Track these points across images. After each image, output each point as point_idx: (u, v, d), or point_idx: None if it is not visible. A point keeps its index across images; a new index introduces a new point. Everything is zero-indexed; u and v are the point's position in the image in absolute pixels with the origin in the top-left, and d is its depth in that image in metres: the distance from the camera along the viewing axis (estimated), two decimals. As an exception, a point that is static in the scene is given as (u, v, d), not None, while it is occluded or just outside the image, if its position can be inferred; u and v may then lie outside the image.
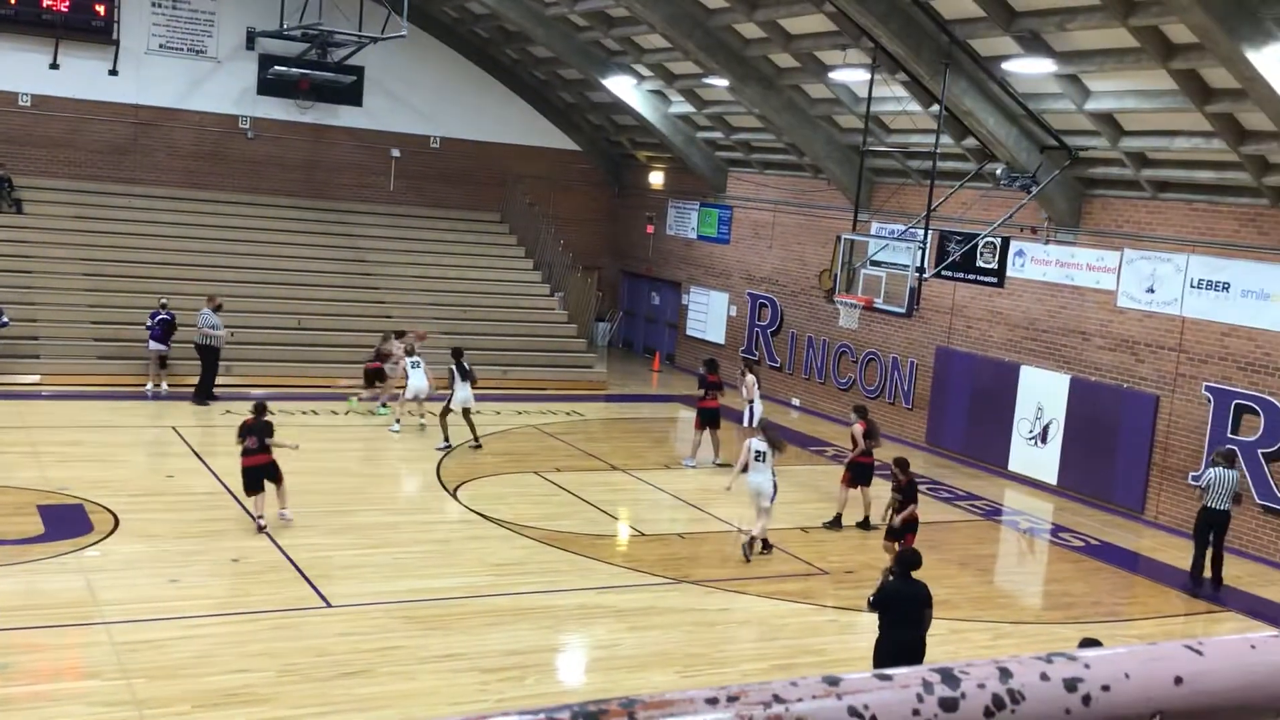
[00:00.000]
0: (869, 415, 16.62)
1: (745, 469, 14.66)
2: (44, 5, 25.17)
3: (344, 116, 28.35)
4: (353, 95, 27.75)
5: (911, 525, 13.66)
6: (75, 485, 14.94)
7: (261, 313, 24.25)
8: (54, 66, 25.68)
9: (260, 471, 13.76)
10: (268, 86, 27.14)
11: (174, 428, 18.95)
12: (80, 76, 25.97)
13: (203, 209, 26.75)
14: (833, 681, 1.21)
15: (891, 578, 9.88)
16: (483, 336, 25.62)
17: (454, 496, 16.22)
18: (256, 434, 13.79)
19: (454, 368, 18.85)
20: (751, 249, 27.17)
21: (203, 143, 27.46)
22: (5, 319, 20.60)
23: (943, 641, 11.76)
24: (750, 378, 19.75)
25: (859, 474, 16.13)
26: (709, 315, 28.60)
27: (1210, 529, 14.62)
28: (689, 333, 29.33)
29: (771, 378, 26.23)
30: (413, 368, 19.67)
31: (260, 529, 13.53)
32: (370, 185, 29.21)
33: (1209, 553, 14.72)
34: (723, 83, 23.01)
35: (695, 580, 13.47)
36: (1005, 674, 1.27)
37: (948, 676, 1.24)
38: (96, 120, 26.38)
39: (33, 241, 24.23)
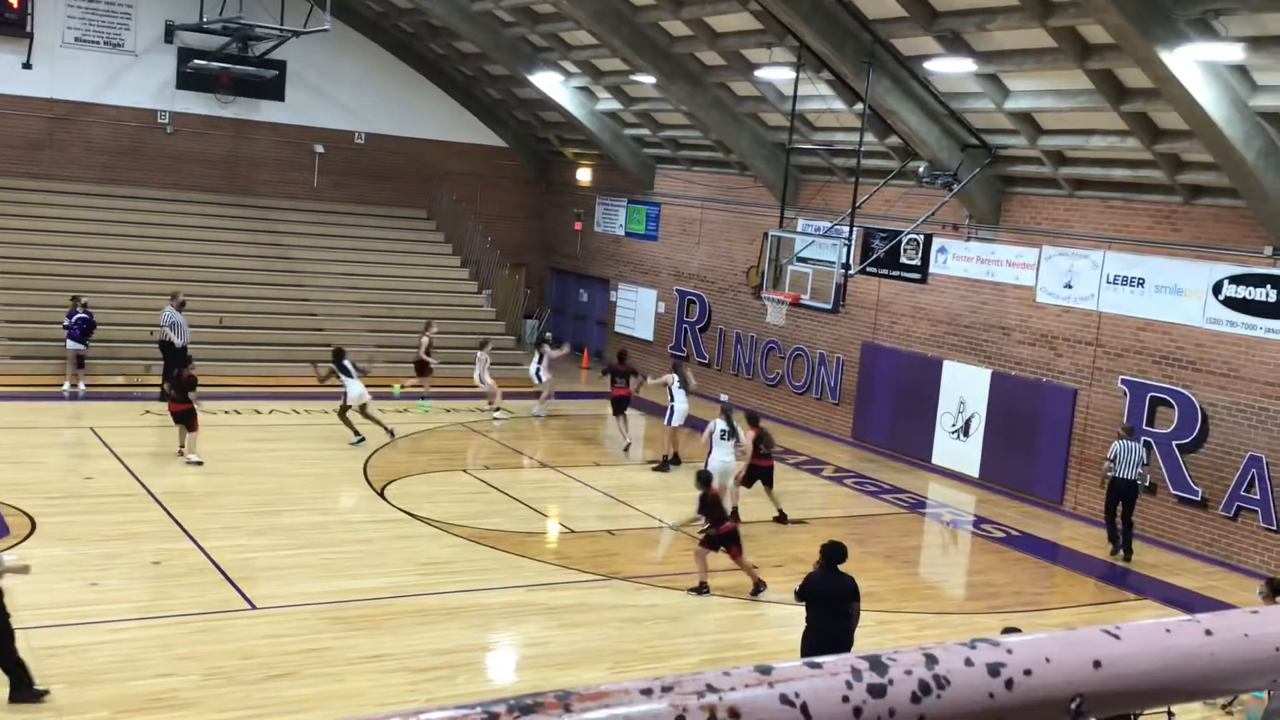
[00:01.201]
0: (760, 423, 16.62)
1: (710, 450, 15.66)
2: (-47, -4, 24.44)
3: (266, 111, 27.93)
4: (275, 90, 27.34)
5: (727, 536, 12.91)
6: (-10, 489, 14.55)
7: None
8: (-36, 59, 24.97)
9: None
10: (187, 81, 26.63)
11: (92, 429, 18.54)
12: (-8, 69, 25.28)
13: (121, 205, 26.20)
14: (764, 670, 1.23)
15: (816, 569, 10.00)
16: (410, 334, 25.39)
17: (381, 495, 16.09)
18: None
19: (336, 367, 18.88)
20: (679, 246, 27.26)
21: (120, 138, 26.88)
22: None
23: (869, 634, 11.90)
24: (671, 376, 19.67)
25: (758, 476, 16.12)
26: (637, 312, 28.65)
27: (1119, 499, 15.60)
28: (618, 329, 29.35)
29: (700, 374, 26.33)
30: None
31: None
32: (294, 181, 28.80)
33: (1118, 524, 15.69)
34: (650, 80, 23.06)
35: (625, 576, 13.50)
36: (931, 660, 1.30)
37: (876, 664, 1.27)
38: (10, 115, 25.69)
39: (-58, 238, 23.55)
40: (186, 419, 16.97)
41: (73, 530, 13.44)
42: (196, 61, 25.99)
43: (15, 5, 25.05)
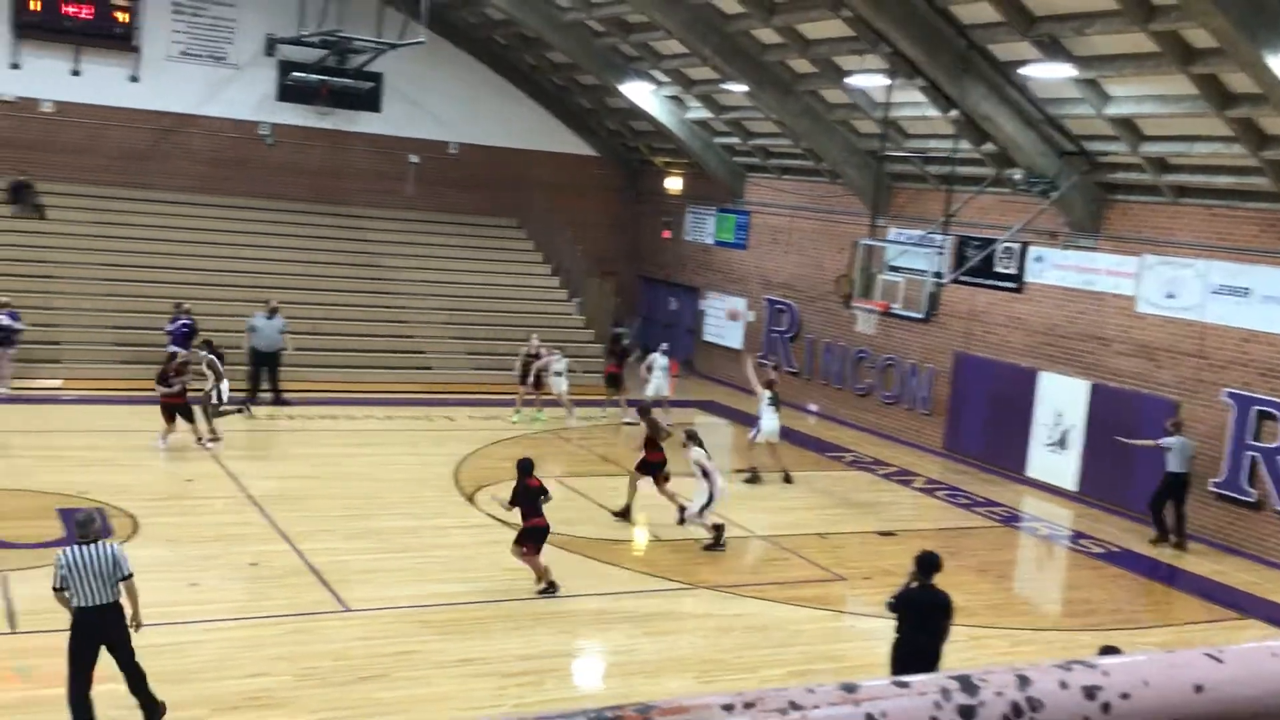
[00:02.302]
0: (650, 414, 16.63)
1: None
2: (66, 12, 25.35)
3: (362, 123, 28.46)
4: (371, 101, 27.84)
5: (535, 532, 12.53)
6: (95, 489, 15.01)
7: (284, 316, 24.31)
8: (75, 73, 25.90)
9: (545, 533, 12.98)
10: (287, 93, 27.25)
11: (193, 432, 19.00)
12: (101, 83, 26.16)
13: (221, 215, 26.88)
14: (850, 688, 1.21)
15: (915, 583, 9.78)
16: (499, 342, 25.65)
17: (471, 502, 16.24)
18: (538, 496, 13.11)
19: (214, 359, 18.61)
20: (769, 254, 27.15)
21: (221, 149, 27.59)
22: (20, 324, 20.73)
23: (961, 649, 11.71)
24: (765, 393, 19.10)
25: (648, 469, 15.93)
26: (726, 321, 28.58)
27: (1171, 492, 16.25)
28: (706, 338, 29.31)
29: (789, 383, 26.19)
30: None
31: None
32: (388, 191, 29.29)
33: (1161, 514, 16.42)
34: (740, 88, 23.02)
35: (712, 585, 13.45)
36: (1024, 681, 1.26)
37: (966, 684, 1.24)
38: (117, 127, 26.54)
39: (54, 247, 24.40)
40: (185, 411, 17.50)
41: (174, 531, 13.80)
42: (296, 74, 26.59)
43: (124, 20, 25.89)
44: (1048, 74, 17.24)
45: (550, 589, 12.53)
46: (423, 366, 24.69)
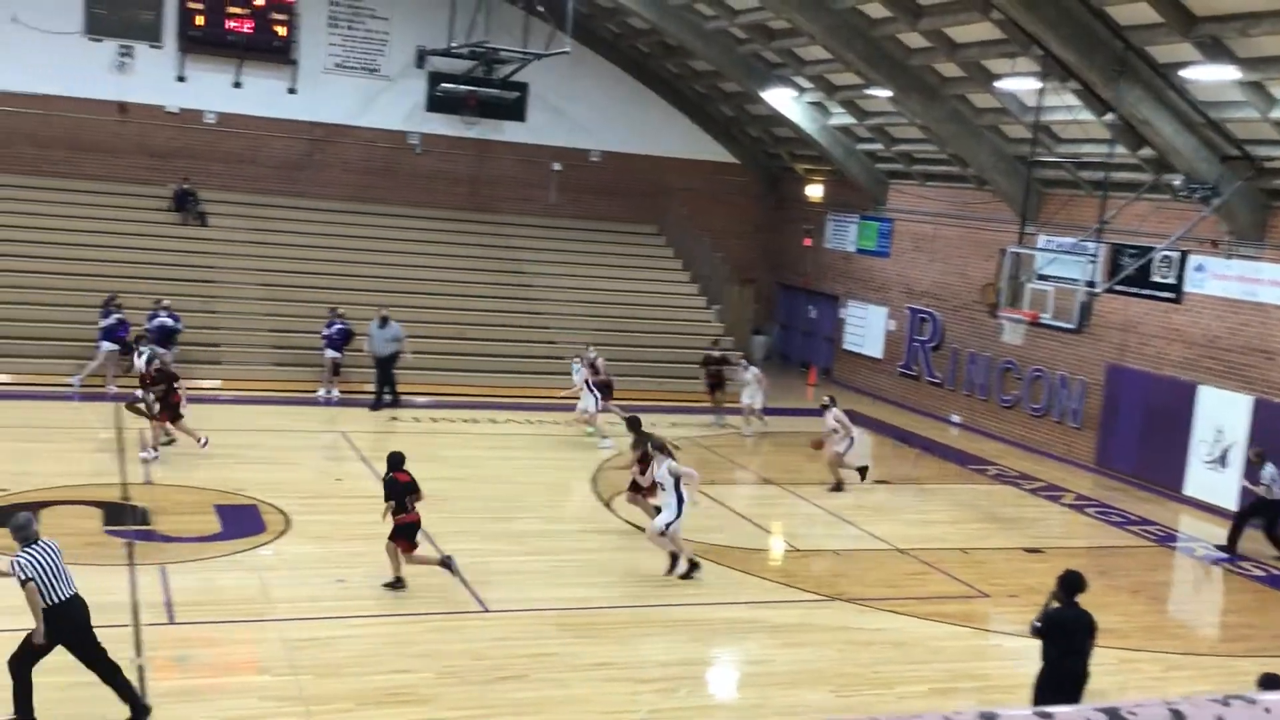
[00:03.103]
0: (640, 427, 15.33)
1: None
2: (229, 27, 26.47)
3: (508, 132, 28.95)
4: (516, 111, 28.33)
5: (404, 529, 12.24)
6: (251, 486, 15.60)
7: (425, 323, 24.93)
8: (237, 85, 27.01)
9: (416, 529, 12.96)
10: (436, 103, 27.92)
11: (344, 433, 19.62)
12: (261, 95, 27.22)
13: (372, 222, 27.69)
14: (990, 717, 1.16)
15: (1056, 603, 9.46)
16: (638, 349, 25.79)
17: (609, 507, 16.35)
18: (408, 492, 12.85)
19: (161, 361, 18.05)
20: (912, 262, 26.68)
21: (373, 158, 28.43)
22: (180, 325, 21.65)
23: (1112, 672, 11.30)
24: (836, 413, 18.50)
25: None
26: (867, 329, 28.19)
27: (1260, 516, 16.23)
28: (846, 347, 28.95)
29: (931, 394, 25.68)
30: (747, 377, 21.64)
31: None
32: (531, 199, 29.77)
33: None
34: (885, 93, 22.69)
35: (850, 598, 13.26)
36: (1177, 717, 1.20)
37: (1114, 717, 1.18)
38: (275, 137, 27.58)
39: (215, 253, 25.47)
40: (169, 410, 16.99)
41: (323, 529, 14.24)
42: (445, 85, 27.24)
43: (283, 34, 26.90)
44: (1210, 76, 16.54)
45: (398, 584, 12.18)
46: (564, 372, 24.96)
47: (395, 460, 12.41)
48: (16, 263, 23.35)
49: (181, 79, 26.68)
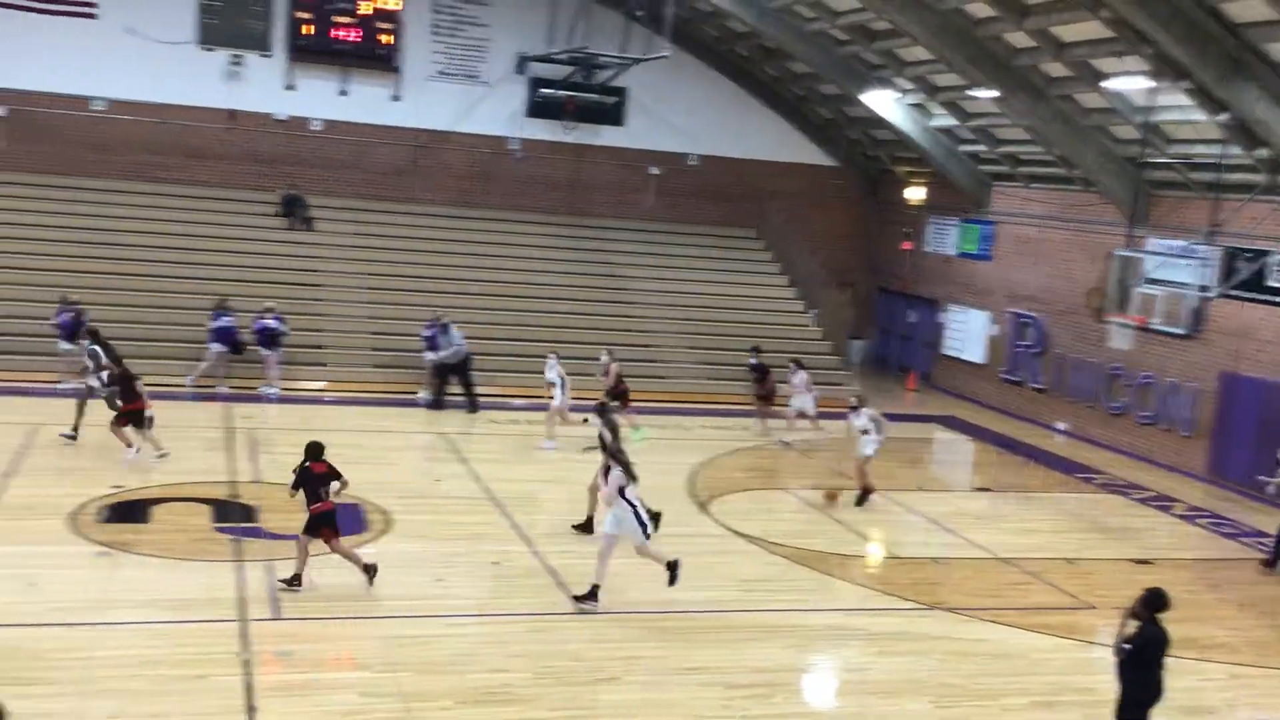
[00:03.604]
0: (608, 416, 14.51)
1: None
2: (335, 36, 27.06)
3: (606, 136, 29.10)
4: (614, 115, 28.44)
5: (318, 519, 11.94)
6: (352, 485, 15.86)
7: (521, 325, 25.16)
8: (343, 93, 27.60)
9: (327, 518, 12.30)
10: (535, 108, 28.20)
11: (442, 434, 19.88)
12: (365, 102, 27.77)
13: (471, 227, 28.05)
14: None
15: (1136, 621, 9.10)
16: (736, 353, 25.70)
17: (704, 510, 16.31)
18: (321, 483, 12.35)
19: (96, 350, 17.22)
20: (1015, 266, 26.17)
21: (474, 164, 28.80)
22: (285, 328, 22.14)
23: (1221, 688, 10.96)
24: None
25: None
26: (967, 334, 27.72)
27: None
28: (946, 352, 28.50)
29: (1035, 400, 25.17)
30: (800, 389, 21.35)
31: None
32: (628, 203, 29.88)
33: None
34: (989, 94, 22.29)
35: (950, 607, 13.04)
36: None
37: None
38: (379, 143, 28.10)
39: (320, 257, 26.03)
40: (135, 418, 16.35)
41: (423, 528, 14.44)
42: (544, 90, 27.50)
43: (387, 43, 27.40)
44: (1332, 72, 15.94)
45: (294, 582, 11.80)
46: (659, 376, 25.00)
47: (312, 450, 12.07)
48: (132, 266, 24.11)
49: (290, 87, 27.33)
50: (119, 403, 16.61)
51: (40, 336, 21.20)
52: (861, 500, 16.96)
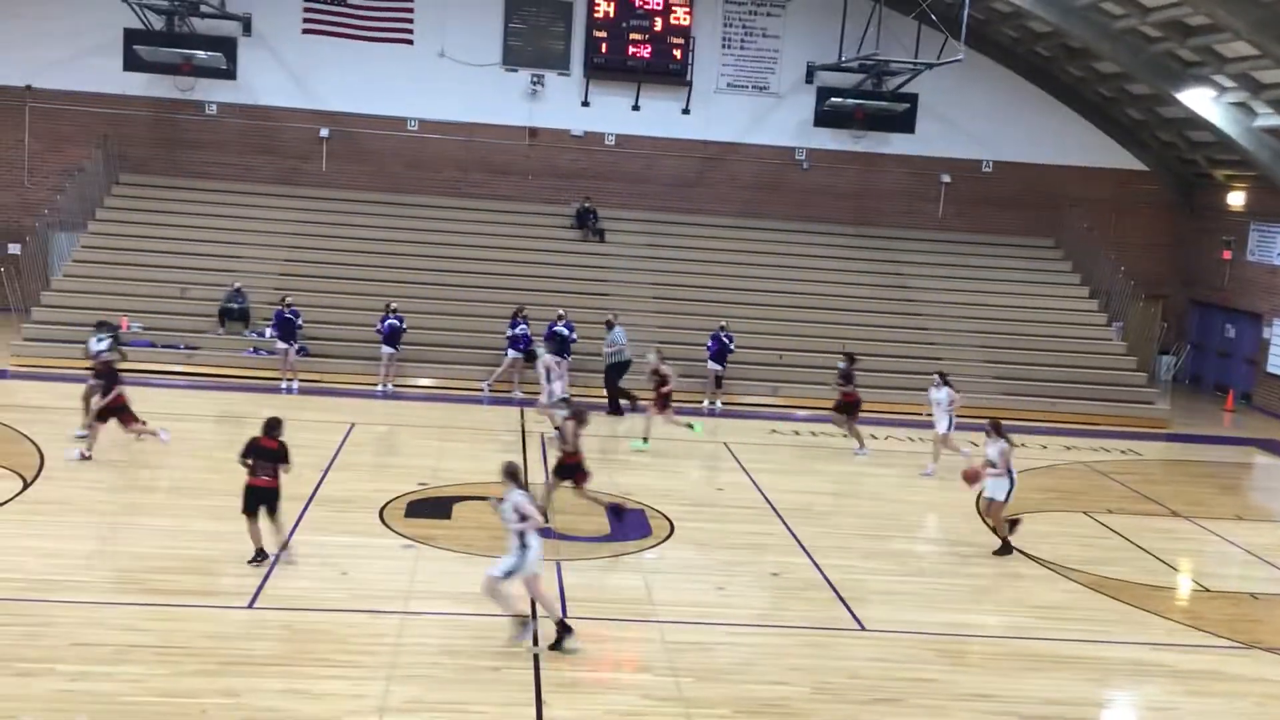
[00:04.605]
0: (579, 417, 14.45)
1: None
2: (630, 53, 27.86)
3: (895, 144, 28.59)
4: (905, 123, 27.88)
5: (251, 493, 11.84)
6: (639, 492, 16.24)
7: (805, 336, 25.02)
8: (635, 108, 28.37)
9: (260, 495, 12.12)
10: (824, 118, 28.04)
11: (726, 444, 20.02)
12: (656, 116, 28.45)
13: (758, 237, 28.17)
14: None
15: None
16: (1030, 367, 24.66)
17: (996, 532, 15.67)
18: (266, 458, 12.14)
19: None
20: (1353, 277, 23.82)
21: (761, 174, 28.94)
22: (575, 335, 22.84)
23: None
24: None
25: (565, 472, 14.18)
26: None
27: None
28: (1272, 370, 26.25)
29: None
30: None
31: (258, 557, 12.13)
32: (917, 212, 29.22)
33: None
34: (1322, 89, 20.41)
35: (1269, 647, 11.96)
36: None
37: None
38: (668, 156, 28.70)
39: (611, 267, 26.81)
40: (119, 413, 15.79)
41: (704, 536, 14.58)
42: (833, 99, 27.29)
43: (679, 57, 27.96)
44: None
45: (260, 557, 11.93)
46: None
47: (268, 425, 12.20)
48: (439, 276, 25.63)
49: (586, 104, 28.33)
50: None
51: (361, 341, 22.85)
52: (1004, 549, 14.49)
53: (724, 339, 22.95)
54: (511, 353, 22.57)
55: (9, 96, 27.09)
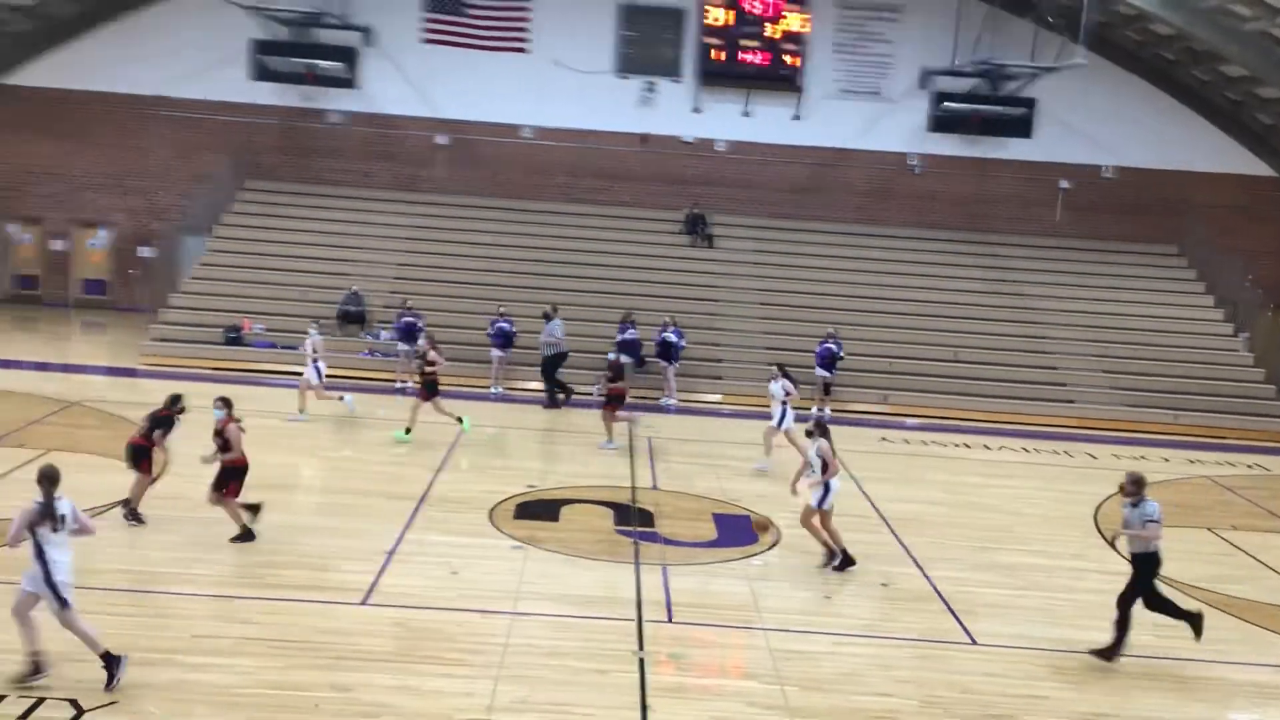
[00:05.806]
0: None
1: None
2: (742, 59, 27.84)
3: (1011, 149, 28.06)
4: (1022, 127, 27.34)
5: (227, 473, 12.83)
6: (745, 498, 16.19)
7: (917, 343, 24.70)
8: (746, 115, 28.33)
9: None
10: (938, 123, 27.64)
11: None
12: (767, 122, 28.38)
13: (869, 243, 27.89)
14: None
15: None
16: (1152, 378, 23.98)
17: (1113, 546, 15.26)
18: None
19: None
20: None
21: (873, 180, 28.65)
22: (684, 341, 22.90)
23: None
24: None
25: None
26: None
27: None
28: None
29: None
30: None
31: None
32: (1034, 218, 28.63)
33: None
34: None
35: (1407, 675, 11.42)
36: None
37: None
38: (779, 162, 28.60)
39: (719, 273, 26.80)
40: (137, 458, 13.48)
41: (811, 544, 14.44)
42: (948, 104, 26.89)
43: (791, 63, 27.84)
44: None
45: (245, 536, 12.70)
46: (1065, 400, 23.72)
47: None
48: (549, 280, 25.88)
49: (697, 110, 28.39)
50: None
51: (473, 345, 23.20)
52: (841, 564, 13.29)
53: (833, 346, 22.78)
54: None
55: (142, 105, 28.17)
